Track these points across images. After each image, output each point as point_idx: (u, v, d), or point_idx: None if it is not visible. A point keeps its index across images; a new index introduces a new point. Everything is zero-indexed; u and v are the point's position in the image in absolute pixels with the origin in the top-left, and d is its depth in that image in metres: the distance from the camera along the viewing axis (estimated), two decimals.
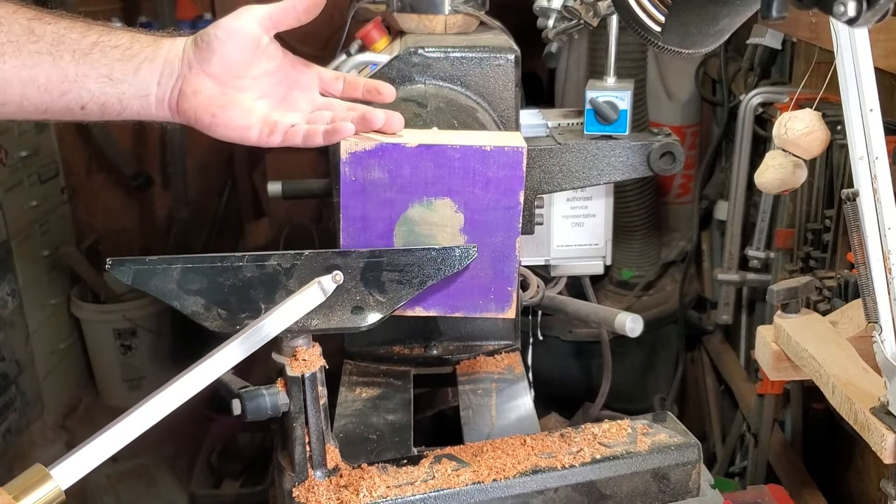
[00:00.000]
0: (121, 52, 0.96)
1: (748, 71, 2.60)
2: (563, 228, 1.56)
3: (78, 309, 3.53)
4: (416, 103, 1.19)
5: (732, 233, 2.53)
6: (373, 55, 1.36)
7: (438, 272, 0.95)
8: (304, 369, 0.89)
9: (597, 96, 1.32)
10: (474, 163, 0.98)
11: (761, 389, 2.08)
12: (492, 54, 1.24)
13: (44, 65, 0.92)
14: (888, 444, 1.02)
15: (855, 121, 0.98)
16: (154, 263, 0.93)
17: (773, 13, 0.60)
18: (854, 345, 1.24)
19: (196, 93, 0.97)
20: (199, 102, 0.97)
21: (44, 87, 0.93)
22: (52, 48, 0.93)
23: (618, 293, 3.01)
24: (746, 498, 1.38)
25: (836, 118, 1.48)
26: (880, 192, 0.98)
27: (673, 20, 0.86)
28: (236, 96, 0.99)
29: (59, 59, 0.93)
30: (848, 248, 1.80)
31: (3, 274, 3.06)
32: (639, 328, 1.31)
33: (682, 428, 1.03)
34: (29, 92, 0.93)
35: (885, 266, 1.00)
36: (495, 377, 1.34)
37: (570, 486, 0.95)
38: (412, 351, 1.39)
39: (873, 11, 0.55)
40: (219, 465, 3.06)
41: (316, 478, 0.92)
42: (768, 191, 1.44)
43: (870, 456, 1.80)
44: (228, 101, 0.98)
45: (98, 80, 0.95)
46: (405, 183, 0.99)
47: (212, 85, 0.97)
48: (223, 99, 0.98)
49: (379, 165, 0.98)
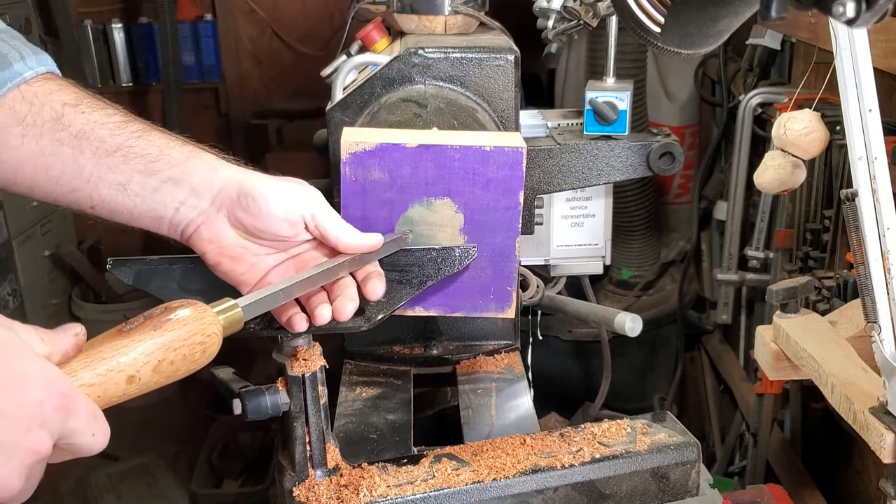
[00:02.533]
0: (144, 164, 0.87)
1: (747, 71, 2.60)
2: (563, 228, 1.56)
3: (79, 309, 3.54)
4: (416, 103, 1.19)
5: (732, 233, 2.53)
6: (373, 56, 1.36)
7: (438, 272, 0.95)
8: (305, 369, 0.89)
9: (596, 97, 1.32)
10: (474, 163, 0.98)
11: (760, 389, 2.08)
12: (492, 55, 1.24)
13: (61, 156, 0.86)
14: (887, 443, 1.03)
15: (854, 121, 0.98)
16: (155, 263, 0.93)
17: (773, 14, 0.60)
18: (853, 345, 1.24)
19: (212, 241, 0.89)
20: (211, 249, 0.90)
21: (55, 179, 0.87)
22: (75, 140, 0.86)
23: (617, 293, 3.02)
24: (745, 497, 1.39)
25: (835, 118, 1.48)
26: (879, 193, 0.99)
27: (672, 21, 0.86)
28: (250, 250, 0.91)
29: (78, 153, 0.86)
30: (847, 249, 1.80)
31: (5, 274, 3.06)
32: (638, 328, 1.31)
33: (681, 427, 1.04)
34: (40, 180, 0.87)
35: (883, 266, 1.00)
36: (495, 377, 1.34)
37: (570, 486, 0.96)
38: (412, 351, 1.39)
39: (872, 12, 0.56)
40: (219, 464, 3.06)
41: (316, 477, 0.92)
42: (767, 191, 1.45)
43: (869, 455, 1.80)
44: (241, 255, 0.90)
45: (112, 187, 0.87)
46: (405, 183, 0.99)
47: (233, 236, 0.89)
48: (237, 251, 0.90)
49: (379, 165, 0.98)
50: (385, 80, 1.23)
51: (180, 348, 0.71)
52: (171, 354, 0.70)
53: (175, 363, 0.71)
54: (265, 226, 0.88)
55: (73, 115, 0.86)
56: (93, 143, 0.86)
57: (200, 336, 0.72)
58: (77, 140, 0.86)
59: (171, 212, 0.89)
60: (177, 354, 0.71)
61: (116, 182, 0.87)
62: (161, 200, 0.88)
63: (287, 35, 3.97)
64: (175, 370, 0.71)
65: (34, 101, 0.86)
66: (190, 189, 0.88)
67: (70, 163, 0.86)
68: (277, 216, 0.88)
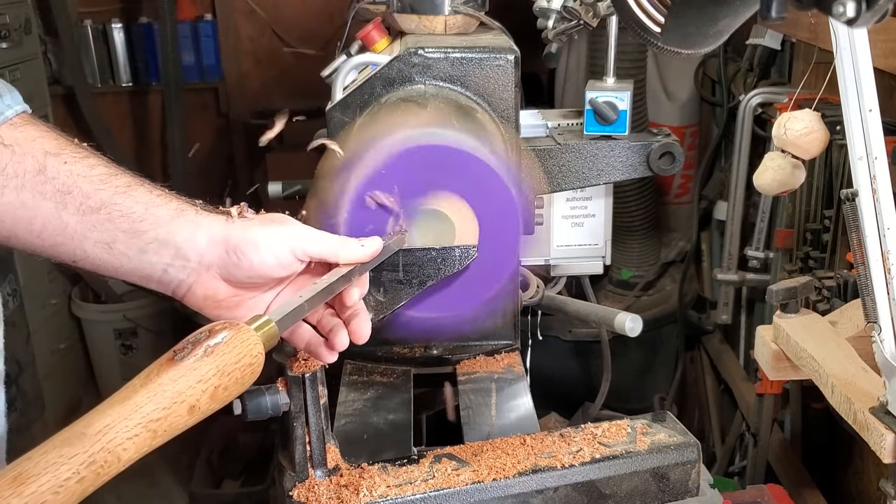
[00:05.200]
0: (129, 223, 0.84)
1: (747, 71, 2.60)
2: (563, 228, 1.56)
3: (79, 309, 3.54)
4: (416, 104, 1.19)
5: (732, 233, 2.53)
6: (373, 56, 1.36)
7: (438, 272, 0.95)
8: (305, 369, 0.89)
9: (596, 97, 1.32)
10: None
11: (760, 389, 2.08)
12: (492, 55, 1.24)
13: (43, 210, 0.82)
14: (887, 443, 1.03)
15: (854, 121, 0.98)
16: None
17: (773, 14, 0.60)
18: (853, 345, 1.24)
19: (207, 297, 0.88)
20: (207, 304, 0.89)
21: (36, 233, 0.83)
22: (58, 195, 0.82)
23: (617, 293, 3.01)
24: (746, 497, 1.39)
25: (835, 118, 1.48)
26: (879, 193, 0.98)
27: (672, 21, 0.86)
28: (246, 296, 0.90)
29: (62, 209, 0.82)
30: (847, 248, 1.80)
31: (5, 274, 3.06)
32: (638, 328, 1.31)
33: (681, 427, 1.04)
34: (20, 232, 0.83)
35: (884, 266, 1.00)
36: (495, 377, 1.34)
37: (570, 486, 0.96)
38: (412, 351, 1.39)
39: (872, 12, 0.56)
40: (219, 464, 3.06)
41: (316, 477, 0.92)
42: (767, 192, 1.45)
43: (869, 455, 1.80)
44: (238, 302, 0.90)
45: (97, 245, 0.84)
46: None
47: (226, 289, 0.89)
48: (233, 300, 0.90)
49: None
50: (385, 80, 1.23)
51: (233, 372, 0.70)
52: (225, 380, 0.69)
53: (228, 388, 0.70)
54: (258, 274, 0.87)
55: (55, 166, 0.82)
56: (76, 199, 0.83)
57: (249, 358, 0.71)
58: (60, 195, 0.82)
59: (158, 272, 0.87)
60: (230, 379, 0.70)
61: (102, 241, 0.84)
62: (148, 261, 0.86)
63: (287, 36, 3.97)
64: (228, 395, 0.70)
65: (15, 149, 0.81)
66: (175, 250, 0.86)
67: (53, 218, 0.82)
68: (270, 264, 0.86)
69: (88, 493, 0.62)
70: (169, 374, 0.67)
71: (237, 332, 0.71)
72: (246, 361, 0.71)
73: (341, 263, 0.89)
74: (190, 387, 0.67)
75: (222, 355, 0.69)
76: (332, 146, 1.02)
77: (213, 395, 0.68)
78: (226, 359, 0.69)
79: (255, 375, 0.73)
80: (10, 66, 3.06)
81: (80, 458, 0.60)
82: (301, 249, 0.87)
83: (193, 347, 0.69)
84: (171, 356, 0.69)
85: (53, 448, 0.60)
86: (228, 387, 0.70)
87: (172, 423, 0.66)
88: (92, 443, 0.61)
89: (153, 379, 0.67)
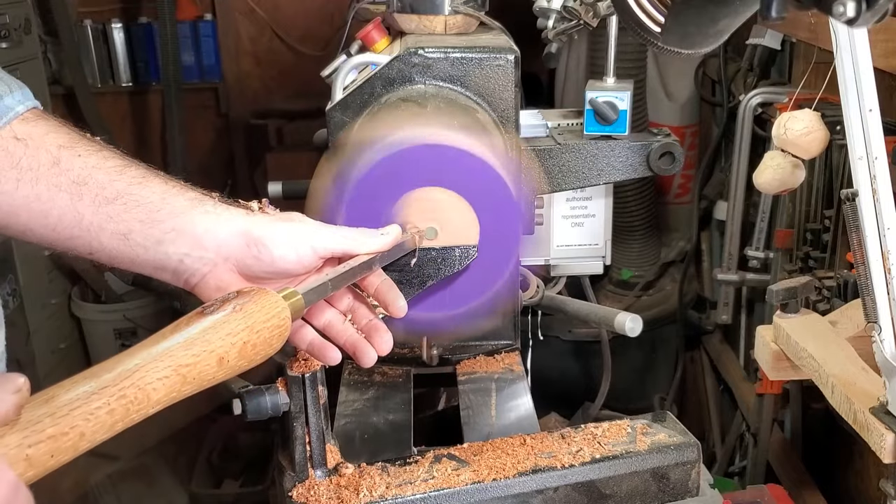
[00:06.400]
0: (145, 213, 0.84)
1: (747, 71, 2.60)
2: (563, 228, 1.56)
3: (79, 309, 3.54)
4: (416, 103, 1.19)
5: (732, 233, 2.53)
6: (373, 55, 1.36)
7: (438, 272, 0.95)
8: (305, 369, 0.89)
9: (596, 96, 1.32)
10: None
11: (761, 389, 2.09)
12: (492, 55, 1.24)
13: (58, 202, 0.82)
14: (887, 443, 1.03)
15: (854, 121, 0.98)
16: None
17: (773, 13, 0.60)
18: (853, 345, 1.24)
19: (219, 289, 0.85)
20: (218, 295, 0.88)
21: (52, 226, 0.83)
22: (73, 186, 0.82)
23: (617, 293, 3.02)
24: (746, 497, 1.39)
25: (835, 118, 1.48)
26: (879, 193, 0.98)
27: (672, 20, 0.86)
28: None
29: (77, 200, 0.82)
30: (847, 248, 1.80)
31: (4, 274, 3.06)
32: (638, 328, 1.31)
33: (681, 427, 1.04)
34: (36, 226, 0.83)
35: (884, 266, 1.00)
36: (495, 377, 1.34)
37: (570, 486, 0.96)
38: (412, 351, 1.39)
39: (873, 12, 0.56)
40: (219, 464, 3.06)
41: (316, 477, 0.92)
42: (767, 191, 1.45)
43: (869, 455, 1.80)
44: None
45: (113, 236, 0.84)
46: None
47: (239, 282, 0.87)
48: None
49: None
50: (385, 80, 1.23)
51: (262, 331, 0.70)
52: (254, 337, 0.69)
53: (257, 346, 0.70)
54: (277, 269, 0.86)
55: (70, 158, 0.82)
56: (92, 190, 0.82)
57: (277, 320, 0.72)
58: (76, 186, 0.82)
59: (174, 262, 0.86)
60: (259, 337, 0.70)
61: (118, 232, 0.84)
62: (164, 252, 0.85)
63: (287, 35, 3.97)
64: (256, 354, 0.70)
65: (29, 143, 0.82)
66: (193, 240, 0.85)
67: (68, 210, 0.82)
68: (290, 259, 0.85)
69: (117, 429, 0.61)
70: (199, 324, 0.67)
71: (267, 295, 0.72)
72: (274, 322, 0.71)
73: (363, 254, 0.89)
74: (220, 338, 0.67)
75: (252, 313, 0.70)
76: None
77: (242, 350, 0.68)
78: (255, 317, 0.70)
79: (283, 340, 0.73)
80: (10, 66, 3.06)
81: (110, 391, 0.60)
82: (322, 246, 0.87)
83: (223, 303, 0.69)
84: (200, 311, 0.69)
85: (83, 379, 0.60)
86: (257, 345, 0.70)
87: (202, 372, 0.66)
88: (122, 377, 0.61)
89: (182, 328, 0.67)
